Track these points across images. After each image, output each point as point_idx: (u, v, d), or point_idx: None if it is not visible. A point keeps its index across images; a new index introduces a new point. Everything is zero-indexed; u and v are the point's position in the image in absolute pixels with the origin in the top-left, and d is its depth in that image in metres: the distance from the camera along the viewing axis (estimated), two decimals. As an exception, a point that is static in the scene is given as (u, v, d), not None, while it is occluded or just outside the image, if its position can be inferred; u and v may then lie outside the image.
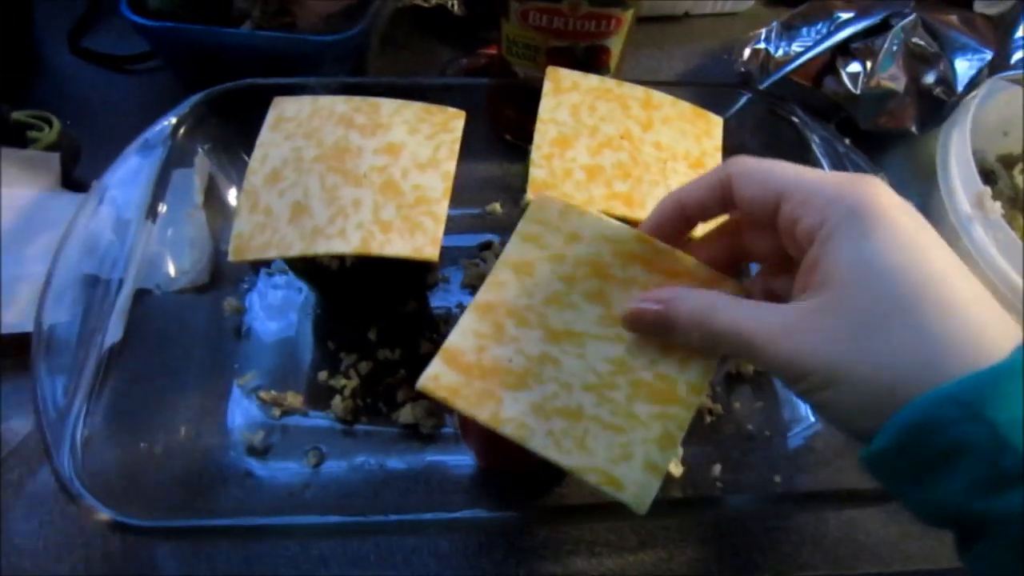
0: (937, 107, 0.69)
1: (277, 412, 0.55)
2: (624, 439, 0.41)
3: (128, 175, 0.56)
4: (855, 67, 0.72)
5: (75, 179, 0.66)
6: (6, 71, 0.76)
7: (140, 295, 0.54)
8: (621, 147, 0.56)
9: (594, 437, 0.41)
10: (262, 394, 0.56)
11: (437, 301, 0.63)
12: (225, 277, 0.62)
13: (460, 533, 0.52)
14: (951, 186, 0.52)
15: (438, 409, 0.55)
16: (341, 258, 0.53)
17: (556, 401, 0.42)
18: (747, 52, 0.79)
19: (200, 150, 0.62)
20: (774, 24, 0.80)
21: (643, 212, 0.53)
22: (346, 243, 0.49)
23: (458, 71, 0.80)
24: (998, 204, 0.49)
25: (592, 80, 0.59)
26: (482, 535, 0.52)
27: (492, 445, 0.49)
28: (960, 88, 0.67)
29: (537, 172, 0.53)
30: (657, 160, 0.56)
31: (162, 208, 0.57)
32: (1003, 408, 0.28)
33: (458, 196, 0.53)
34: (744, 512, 0.52)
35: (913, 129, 0.72)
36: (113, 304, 0.51)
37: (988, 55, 0.66)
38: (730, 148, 0.60)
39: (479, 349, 0.43)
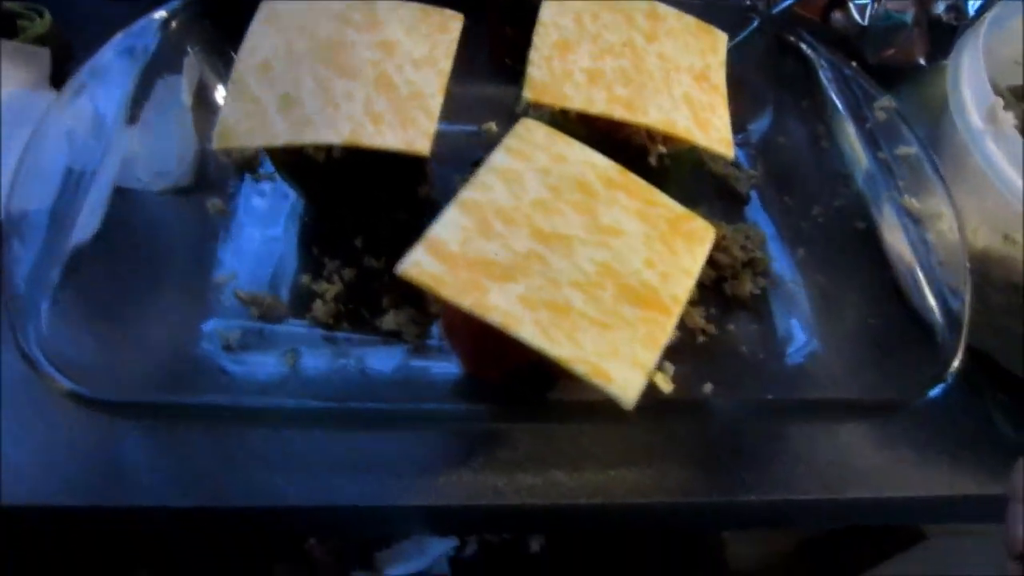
0: (946, 37, 0.68)
1: (255, 312, 0.53)
2: (611, 336, 0.40)
3: (112, 68, 0.54)
4: (863, -2, 0.70)
5: (67, 76, 0.63)
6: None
7: (121, 194, 0.53)
8: (623, 54, 0.54)
9: (582, 332, 0.40)
10: (241, 293, 0.54)
11: (428, 217, 0.61)
12: (210, 182, 0.60)
13: (441, 440, 0.51)
14: (962, 101, 0.50)
15: (422, 317, 0.53)
16: (328, 152, 0.51)
17: (543, 294, 0.41)
18: (753, -15, 0.77)
19: (190, 51, 0.60)
20: (781, -45, 0.78)
21: (644, 118, 0.51)
22: (336, 134, 0.48)
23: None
24: (1011, 115, 0.48)
25: (596, -13, 0.57)
26: (463, 443, 0.51)
27: (479, 346, 0.48)
28: (971, 13, 0.65)
29: (535, 72, 0.51)
30: (660, 69, 0.54)
31: (147, 106, 0.55)
32: None
33: (454, 114, 0.52)
34: (733, 422, 0.51)
35: (921, 61, 0.70)
36: (87, 193, 0.49)
37: (1002, -23, 0.64)
38: (734, 77, 0.58)
39: (464, 241, 0.42)
